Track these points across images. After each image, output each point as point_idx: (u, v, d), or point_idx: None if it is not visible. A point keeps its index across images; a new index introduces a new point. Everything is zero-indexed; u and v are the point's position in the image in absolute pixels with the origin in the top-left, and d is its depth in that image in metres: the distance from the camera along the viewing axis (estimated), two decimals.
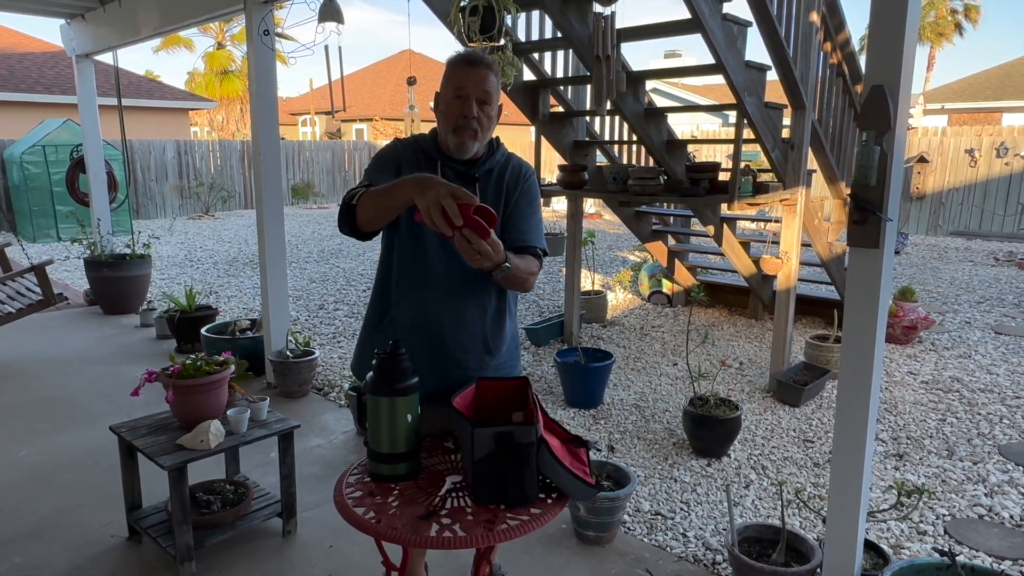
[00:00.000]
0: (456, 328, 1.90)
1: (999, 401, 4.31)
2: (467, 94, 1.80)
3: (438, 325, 1.89)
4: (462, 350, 1.92)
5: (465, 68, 1.81)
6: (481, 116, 1.82)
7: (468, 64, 1.82)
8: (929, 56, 25.80)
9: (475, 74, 1.80)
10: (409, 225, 1.87)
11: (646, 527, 2.88)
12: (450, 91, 1.82)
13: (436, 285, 1.88)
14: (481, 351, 1.95)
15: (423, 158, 1.89)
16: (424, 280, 1.89)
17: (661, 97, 19.80)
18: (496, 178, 1.91)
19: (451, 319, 1.90)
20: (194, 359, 2.63)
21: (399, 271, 1.92)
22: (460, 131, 1.82)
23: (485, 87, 1.81)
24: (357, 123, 24.52)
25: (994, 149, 11.80)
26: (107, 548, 2.70)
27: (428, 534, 1.47)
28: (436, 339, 1.89)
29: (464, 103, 1.80)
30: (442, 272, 1.87)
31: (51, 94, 14.44)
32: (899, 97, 1.90)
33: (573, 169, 4.92)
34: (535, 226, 1.92)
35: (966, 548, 2.75)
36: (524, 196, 1.92)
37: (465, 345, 1.92)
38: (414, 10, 33.43)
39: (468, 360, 1.93)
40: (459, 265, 1.82)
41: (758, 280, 5.73)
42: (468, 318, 1.91)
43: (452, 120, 1.82)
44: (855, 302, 2.04)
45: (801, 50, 4.12)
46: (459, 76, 1.81)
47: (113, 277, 6.21)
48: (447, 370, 1.90)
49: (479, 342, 1.94)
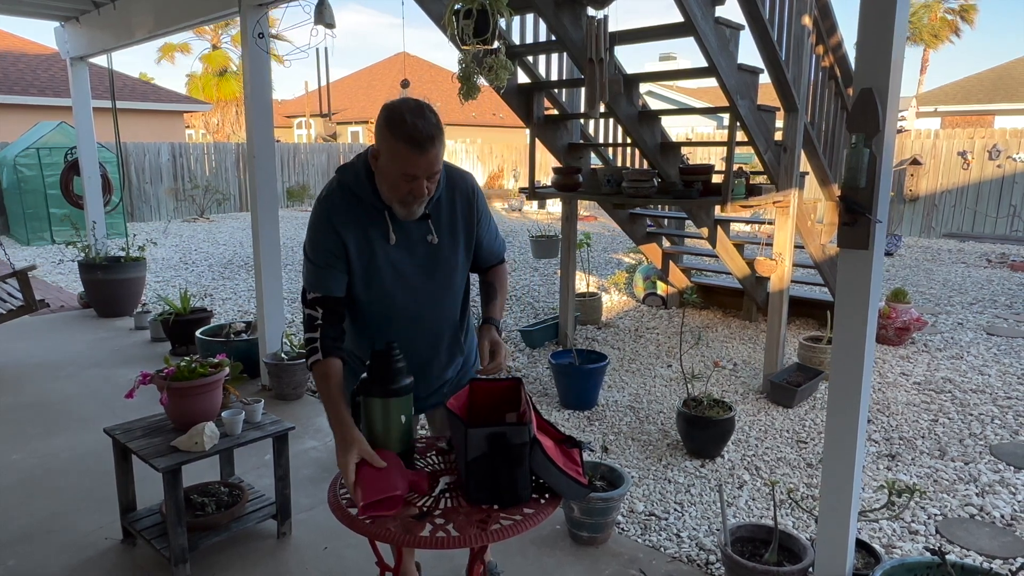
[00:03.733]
0: (437, 357, 2.00)
1: (991, 402, 4.33)
2: (416, 176, 1.67)
3: (423, 363, 1.97)
4: (440, 367, 2.03)
5: (416, 155, 1.63)
6: (430, 186, 1.71)
7: (417, 148, 1.62)
8: (922, 59, 25.95)
9: (425, 159, 1.64)
10: (369, 287, 1.85)
11: (640, 527, 2.90)
12: (395, 170, 1.66)
13: (414, 332, 1.93)
14: (458, 358, 2.07)
15: (368, 211, 1.78)
16: (390, 317, 1.91)
17: (657, 100, 19.86)
18: (447, 207, 1.85)
19: (433, 353, 1.99)
20: (188, 361, 2.63)
21: (365, 312, 1.92)
22: (407, 204, 1.73)
23: (435, 166, 1.68)
24: (352, 125, 24.53)
25: (986, 151, 11.87)
26: (101, 551, 2.70)
27: (422, 534, 1.48)
28: (422, 373, 1.96)
29: (414, 182, 1.68)
30: (416, 318, 1.92)
31: (45, 96, 14.40)
32: (888, 100, 1.92)
33: (568, 171, 4.94)
34: (495, 235, 2.01)
35: (957, 547, 2.76)
36: (481, 215, 1.94)
37: (445, 364, 2.04)
38: (409, 13, 33.45)
39: (446, 373, 2.05)
40: (430, 305, 1.92)
41: (752, 282, 5.75)
42: (446, 344, 2.01)
43: (400, 195, 1.71)
44: (845, 303, 2.06)
45: (793, 53, 4.15)
46: (408, 161, 1.64)
47: (107, 280, 6.20)
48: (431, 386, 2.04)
49: (459, 356, 2.06)
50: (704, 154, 13.27)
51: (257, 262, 4.49)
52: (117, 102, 6.87)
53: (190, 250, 10.46)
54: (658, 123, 4.75)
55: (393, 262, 1.82)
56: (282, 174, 16.93)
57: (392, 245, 1.80)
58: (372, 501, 1.53)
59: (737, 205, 4.34)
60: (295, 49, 5.83)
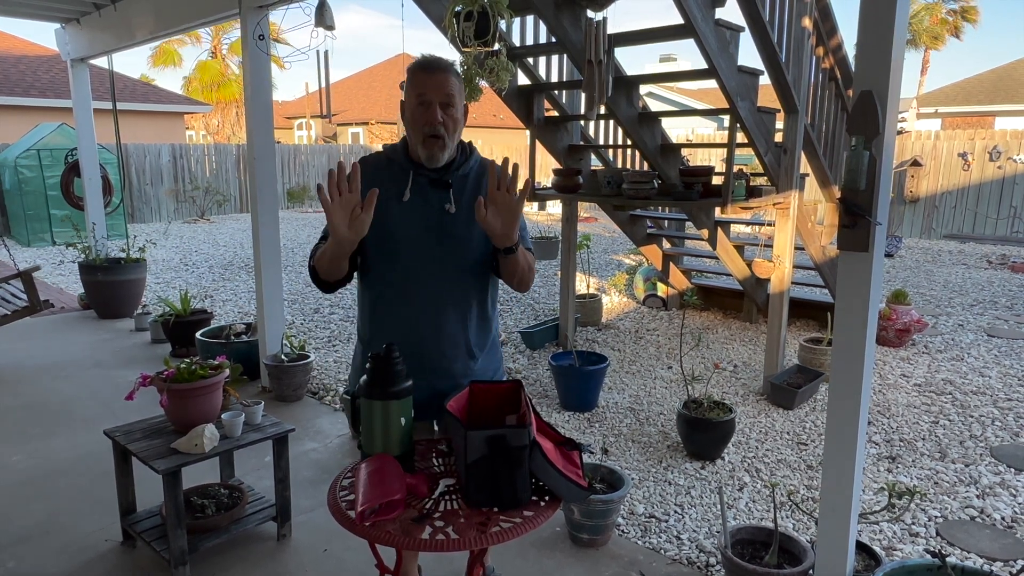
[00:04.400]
0: (438, 340, 1.93)
1: (991, 403, 4.33)
2: (430, 100, 1.81)
3: (421, 340, 1.92)
4: (447, 360, 1.95)
5: (425, 74, 1.82)
6: (446, 119, 1.82)
7: (427, 70, 1.83)
8: (923, 60, 25.95)
9: (434, 79, 1.81)
10: (378, 243, 1.88)
11: (640, 530, 2.89)
12: (413, 99, 1.83)
13: (415, 302, 1.91)
14: (465, 358, 1.97)
15: (395, 170, 1.90)
16: (402, 299, 1.91)
17: (657, 101, 19.87)
18: (472, 183, 1.92)
19: (433, 331, 1.92)
20: (188, 363, 2.63)
21: (377, 293, 1.94)
22: (429, 143, 1.83)
23: (447, 90, 1.82)
24: (353, 127, 24.53)
25: (987, 153, 11.87)
26: (101, 553, 2.70)
27: (421, 537, 1.48)
28: (420, 354, 1.91)
29: (428, 109, 1.81)
30: (420, 289, 1.90)
31: (46, 98, 14.40)
32: (888, 102, 1.92)
33: (568, 173, 4.94)
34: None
35: (958, 549, 2.76)
36: None
37: (449, 355, 1.95)
38: (409, 15, 33.49)
39: (454, 369, 1.96)
40: (436, 279, 1.89)
41: (752, 283, 5.75)
42: (450, 328, 1.93)
43: (419, 128, 1.83)
44: (846, 305, 2.06)
45: (793, 55, 4.15)
46: (420, 83, 1.82)
47: (108, 281, 6.20)
48: (433, 382, 1.93)
49: (463, 351, 1.96)
50: (704, 156, 13.28)
51: (257, 263, 4.49)
52: (118, 103, 6.88)
53: (190, 251, 10.47)
54: (658, 124, 4.75)
55: (404, 218, 1.88)
56: (282, 175, 16.94)
57: (405, 202, 1.87)
58: (371, 505, 1.52)
59: (737, 207, 4.34)
60: (294, 51, 5.84)
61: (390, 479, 1.59)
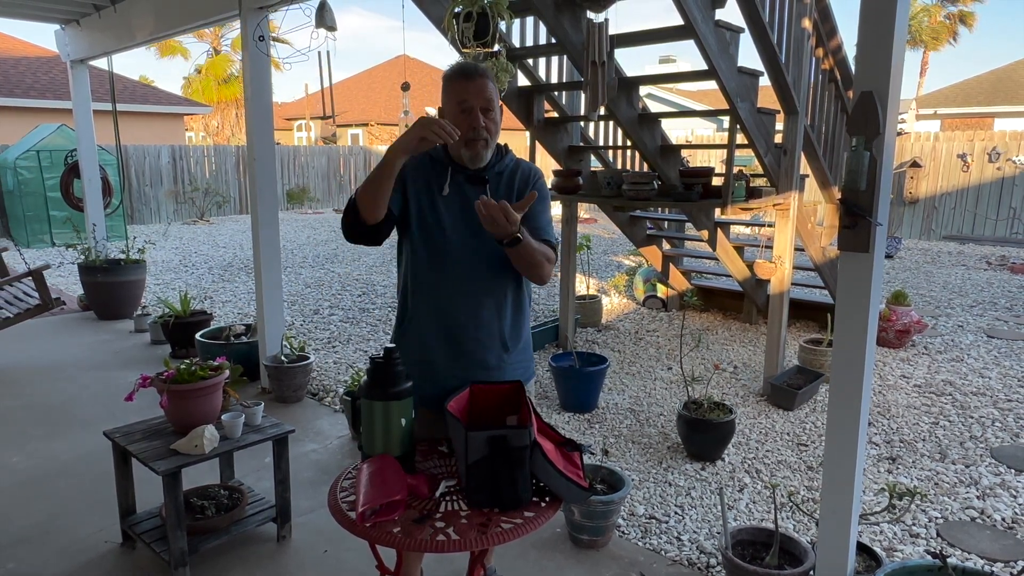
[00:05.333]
0: (474, 327, 1.96)
1: (991, 404, 4.33)
2: (471, 106, 1.88)
3: (456, 326, 1.95)
4: (482, 349, 1.97)
5: (465, 81, 1.89)
6: (488, 123, 1.90)
7: (466, 77, 1.90)
8: (922, 62, 25.98)
9: (474, 85, 1.88)
10: (422, 229, 1.95)
11: (640, 531, 2.89)
12: (454, 105, 1.89)
13: (452, 287, 1.95)
14: (499, 348, 2.00)
15: (436, 167, 1.98)
16: (440, 283, 1.96)
17: (657, 102, 19.86)
18: (507, 181, 2.00)
19: (468, 318, 1.95)
20: (188, 364, 2.63)
21: (415, 277, 1.99)
22: (472, 143, 1.91)
23: (486, 95, 1.89)
24: (352, 128, 24.52)
25: (986, 154, 11.88)
26: (101, 554, 2.69)
27: (422, 537, 1.48)
28: (456, 340, 1.95)
29: (470, 115, 1.88)
30: (458, 273, 1.94)
31: (45, 99, 14.40)
32: (888, 103, 1.92)
33: (568, 174, 4.94)
34: (547, 223, 2.01)
35: (958, 550, 2.76)
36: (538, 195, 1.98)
37: (484, 343, 1.98)
38: (409, 16, 33.51)
39: (488, 358, 1.98)
40: (474, 265, 1.94)
41: (752, 284, 5.75)
42: (486, 316, 1.96)
43: (463, 132, 1.87)
44: (846, 306, 2.06)
45: (793, 56, 4.15)
46: (460, 90, 1.89)
47: (107, 282, 6.20)
48: (468, 370, 1.96)
49: (497, 340, 1.99)
50: (704, 157, 13.28)
51: (257, 265, 4.49)
52: (117, 105, 6.88)
53: (190, 253, 10.46)
54: (658, 125, 4.75)
55: (445, 210, 1.96)
56: (282, 176, 16.93)
57: (444, 196, 1.95)
58: (372, 505, 1.52)
59: (737, 208, 4.34)
60: (295, 52, 5.83)
61: (391, 480, 1.59)
